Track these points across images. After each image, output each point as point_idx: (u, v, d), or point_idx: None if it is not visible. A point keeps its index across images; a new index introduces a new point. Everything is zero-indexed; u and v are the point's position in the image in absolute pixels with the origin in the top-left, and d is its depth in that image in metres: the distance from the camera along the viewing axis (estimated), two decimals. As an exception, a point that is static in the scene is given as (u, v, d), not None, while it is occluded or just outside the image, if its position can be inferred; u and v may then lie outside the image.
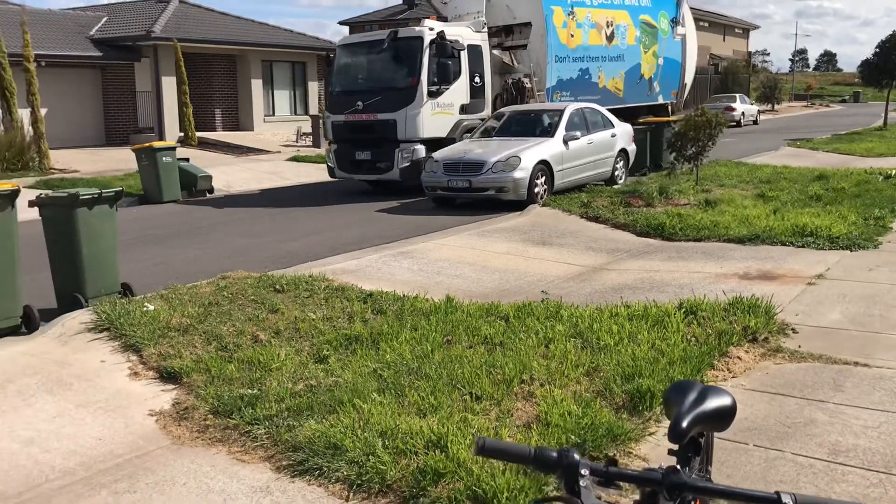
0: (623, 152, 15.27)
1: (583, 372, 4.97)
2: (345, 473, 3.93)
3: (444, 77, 14.96)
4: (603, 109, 15.68)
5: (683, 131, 13.81)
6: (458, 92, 15.26)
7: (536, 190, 12.65)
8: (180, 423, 4.73)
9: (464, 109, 15.40)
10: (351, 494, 3.81)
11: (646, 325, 5.75)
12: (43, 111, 19.73)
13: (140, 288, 7.09)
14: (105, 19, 27.65)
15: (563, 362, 5.10)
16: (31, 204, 6.90)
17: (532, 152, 12.79)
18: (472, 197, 12.90)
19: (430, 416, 4.41)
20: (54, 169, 19.24)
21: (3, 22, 21.08)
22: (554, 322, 5.89)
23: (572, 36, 17.43)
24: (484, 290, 7.39)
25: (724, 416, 1.89)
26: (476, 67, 15.72)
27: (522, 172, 12.44)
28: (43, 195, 6.99)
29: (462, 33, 15.48)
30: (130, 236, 10.73)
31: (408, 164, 14.25)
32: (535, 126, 14.25)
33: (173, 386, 5.20)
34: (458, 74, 15.25)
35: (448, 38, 14.83)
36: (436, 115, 14.83)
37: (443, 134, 14.89)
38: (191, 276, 7.74)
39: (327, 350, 5.53)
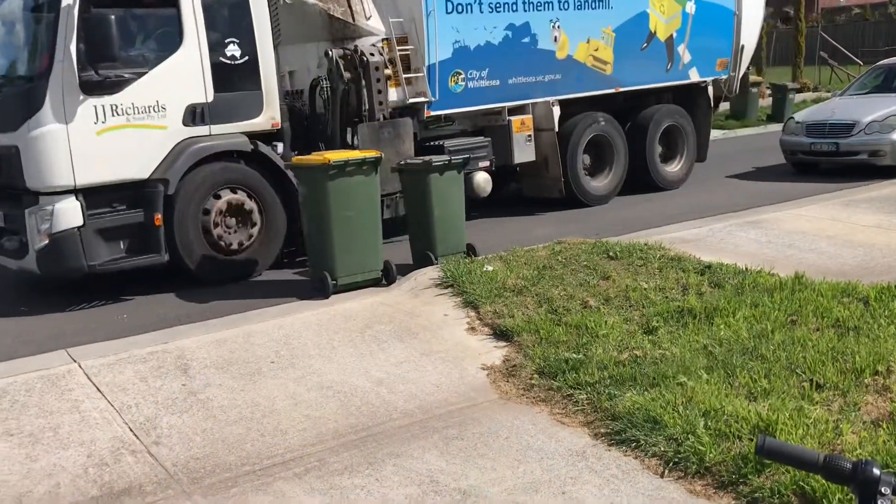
0: None
1: (956, 369, 4.25)
2: (662, 449, 3.82)
3: (126, 49, 7.08)
4: None
5: None
6: (179, 78, 7.23)
7: (920, 155, 10.88)
8: (508, 379, 4.95)
9: (197, 115, 7.32)
10: (666, 471, 3.70)
11: None
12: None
13: (482, 249, 7.51)
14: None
15: (931, 356, 4.40)
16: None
17: (917, 111, 11.07)
18: (840, 162, 11.58)
19: (761, 400, 4.10)
20: None
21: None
22: (925, 308, 5.10)
23: None
24: (842, 268, 6.63)
25: None
26: (230, 28, 7.58)
27: (903, 134, 10.82)
28: (403, 163, 7.71)
29: None
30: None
31: (45, 241, 6.79)
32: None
33: (505, 343, 5.45)
34: (173, 42, 7.27)
35: None
36: (109, 132, 6.90)
37: (135, 172, 7.05)
38: (529, 239, 8.01)
39: (657, 321, 5.39)
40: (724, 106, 15.44)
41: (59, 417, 4.60)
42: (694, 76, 11.45)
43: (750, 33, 11.92)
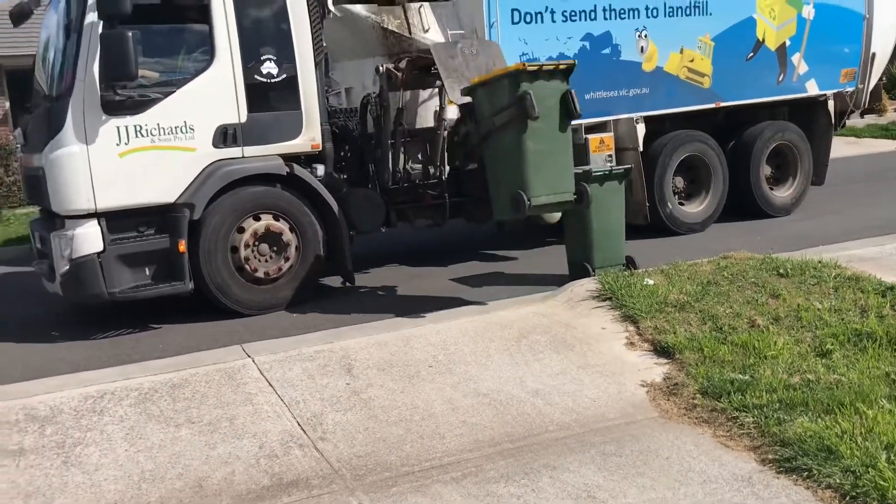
0: None
1: None
2: (837, 481, 3.61)
3: (152, 67, 6.99)
4: None
5: None
6: (209, 97, 6.95)
7: None
8: (669, 397, 4.82)
9: (229, 137, 7.02)
10: (842, 506, 3.48)
11: None
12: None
13: (643, 261, 7.34)
14: None
15: None
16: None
17: None
18: None
19: (953, 436, 3.77)
20: None
21: None
22: None
23: None
24: None
25: None
26: (267, 43, 7.22)
27: None
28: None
29: None
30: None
31: (66, 266, 6.68)
32: None
33: (665, 360, 5.31)
34: (204, 58, 7.00)
35: None
36: (133, 154, 6.71)
37: (159, 196, 6.81)
38: (692, 252, 7.76)
39: (831, 344, 5.09)
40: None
41: (234, 409, 4.92)
42: (812, 89, 10.25)
43: (883, 40, 10.58)
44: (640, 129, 9.15)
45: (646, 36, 9.09)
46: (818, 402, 4.30)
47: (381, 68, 7.87)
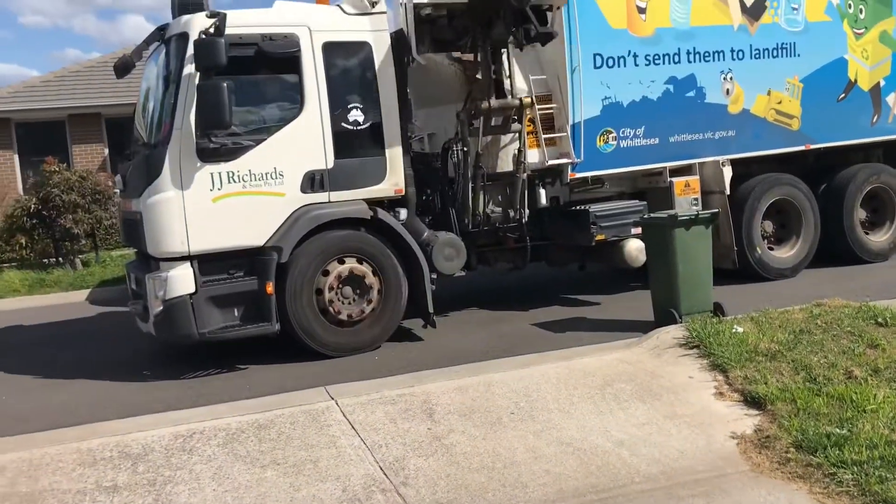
0: None
1: None
2: (946, 546, 3.39)
3: (245, 115, 7.21)
4: None
5: None
6: (298, 144, 7.18)
7: None
8: (761, 450, 4.65)
9: (316, 182, 7.23)
10: (953, 573, 3.27)
11: None
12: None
13: (732, 308, 7.14)
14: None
15: None
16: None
17: None
18: None
19: None
20: None
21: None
22: None
23: (642, 10, 8.58)
24: None
25: None
26: (353, 92, 7.46)
27: None
28: (647, 216, 7.58)
29: (304, 18, 7.32)
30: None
31: (160, 307, 6.90)
32: None
33: (756, 411, 5.13)
34: (293, 107, 7.25)
35: (242, 30, 6.97)
36: (225, 199, 6.95)
37: (249, 239, 7.04)
38: (784, 299, 7.51)
39: (937, 398, 4.83)
40: None
41: (318, 451, 4.96)
42: None
43: None
44: (727, 172, 9.01)
45: (731, 78, 9.02)
46: (924, 460, 4.08)
47: (461, 114, 8.02)
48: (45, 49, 62.89)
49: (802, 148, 9.48)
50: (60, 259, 14.04)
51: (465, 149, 8.08)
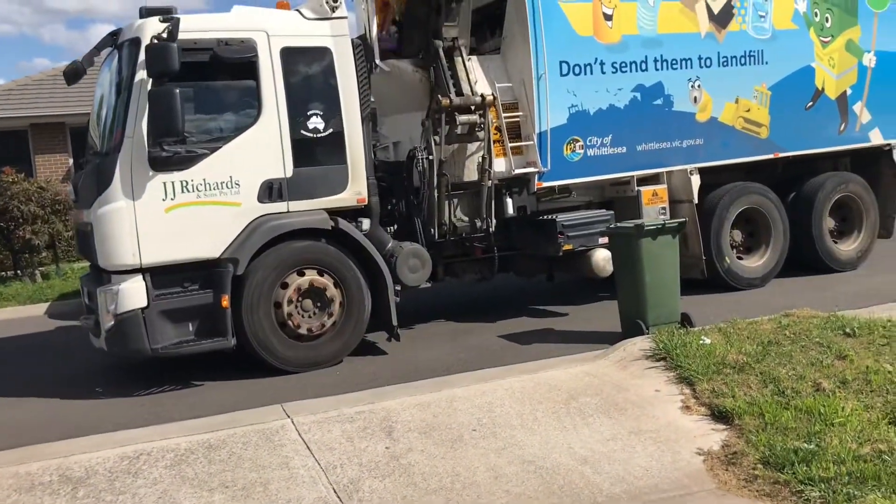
0: None
1: None
2: (917, 569, 3.26)
3: (199, 123, 6.95)
4: None
5: None
6: (255, 153, 6.94)
7: None
8: (728, 467, 4.52)
9: (274, 191, 6.98)
10: None
11: None
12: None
13: (700, 319, 7.02)
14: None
15: None
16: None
17: None
18: None
19: None
20: None
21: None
22: None
23: (608, 17, 8.45)
24: None
25: None
26: (313, 98, 7.21)
27: None
28: (613, 226, 7.45)
29: (261, 22, 7.05)
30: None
31: (111, 321, 6.66)
32: None
33: (724, 426, 5.00)
34: (250, 114, 7.00)
35: (196, 34, 6.72)
36: (178, 209, 6.69)
37: (203, 251, 6.77)
38: (753, 309, 7.41)
39: (905, 411, 4.72)
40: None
41: (270, 472, 4.75)
42: (876, 138, 9.96)
43: None
44: (695, 181, 8.89)
45: (699, 86, 8.90)
46: (892, 475, 3.98)
47: (426, 122, 7.81)
48: (12, 58, 62.13)
49: (771, 156, 9.41)
50: (19, 272, 13.68)
51: (430, 157, 7.90)
